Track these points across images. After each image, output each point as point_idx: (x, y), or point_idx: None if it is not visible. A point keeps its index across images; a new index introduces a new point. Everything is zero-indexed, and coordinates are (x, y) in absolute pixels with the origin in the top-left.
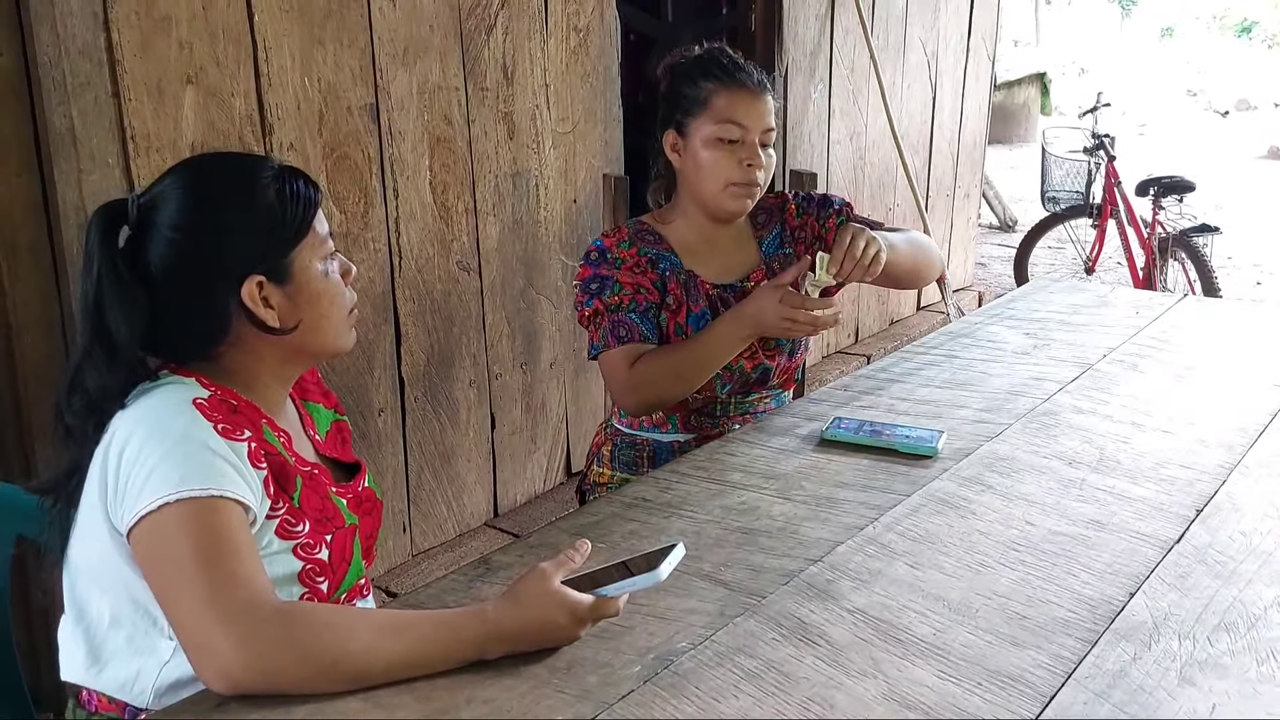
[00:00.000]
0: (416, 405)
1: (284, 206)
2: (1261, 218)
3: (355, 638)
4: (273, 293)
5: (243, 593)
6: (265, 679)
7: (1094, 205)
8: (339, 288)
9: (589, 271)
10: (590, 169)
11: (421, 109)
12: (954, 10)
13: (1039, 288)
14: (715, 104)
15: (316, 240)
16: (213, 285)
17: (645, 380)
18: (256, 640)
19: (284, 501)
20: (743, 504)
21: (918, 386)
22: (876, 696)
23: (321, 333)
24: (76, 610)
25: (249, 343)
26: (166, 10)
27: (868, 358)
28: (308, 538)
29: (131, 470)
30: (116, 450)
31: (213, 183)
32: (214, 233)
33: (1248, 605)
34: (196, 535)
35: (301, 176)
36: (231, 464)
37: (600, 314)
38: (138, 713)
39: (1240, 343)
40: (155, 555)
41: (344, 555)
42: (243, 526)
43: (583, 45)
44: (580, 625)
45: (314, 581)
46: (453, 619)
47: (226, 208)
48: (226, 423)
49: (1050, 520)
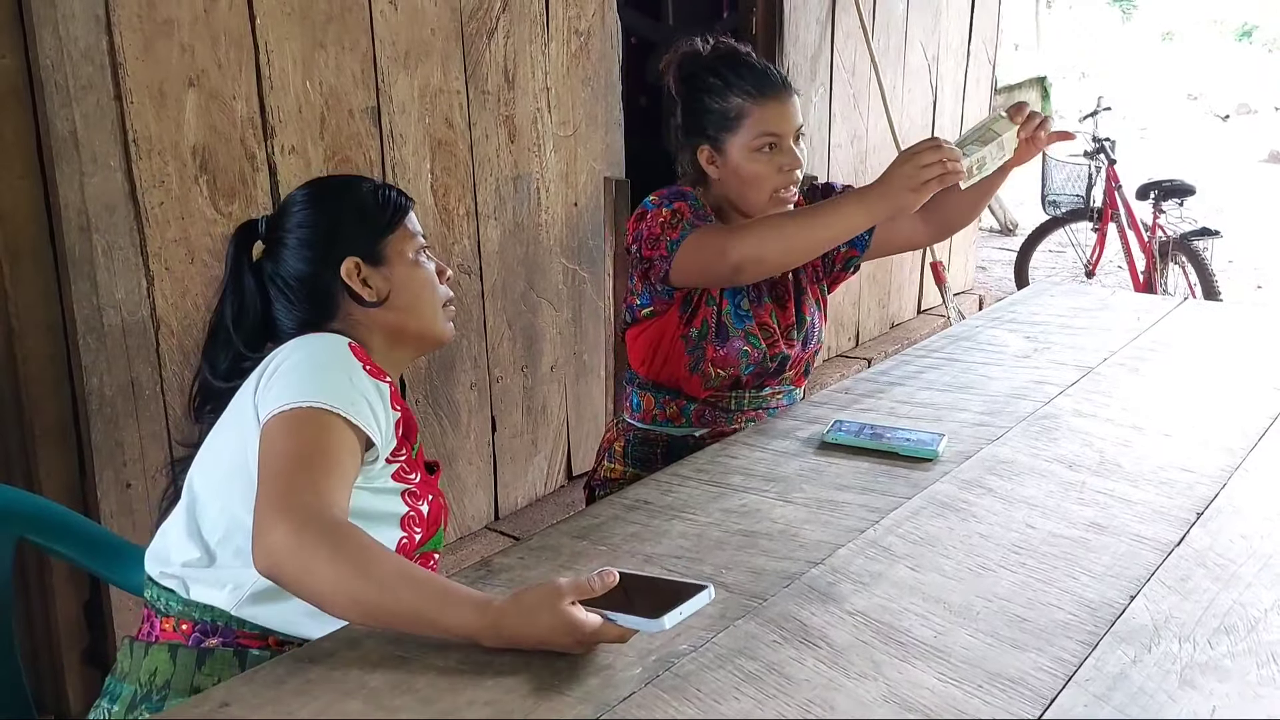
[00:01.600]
0: (417, 408)
1: (378, 203)
2: (1262, 222)
3: (383, 569)
4: (370, 274)
5: (315, 499)
6: (296, 570)
7: (1094, 209)
8: (431, 275)
9: (665, 191)
10: (591, 172)
11: (423, 112)
12: (954, 14)
13: (1040, 291)
14: (749, 120)
15: (407, 234)
16: (321, 267)
17: (751, 230)
18: (305, 535)
19: (406, 450)
20: (744, 507)
21: (918, 389)
22: (877, 699)
23: (417, 314)
24: (193, 524)
25: (358, 318)
26: (168, 13)
27: (868, 361)
28: (418, 488)
29: (287, 374)
30: (280, 359)
31: (323, 189)
32: (323, 224)
33: (1248, 608)
34: (309, 439)
35: (394, 188)
36: (369, 400)
37: (680, 214)
38: (202, 639)
39: (1241, 346)
40: (272, 443)
41: (436, 520)
42: (351, 451)
43: (584, 49)
44: (580, 646)
45: (411, 529)
46: (458, 596)
47: (331, 205)
48: (373, 365)
49: (1051, 523)
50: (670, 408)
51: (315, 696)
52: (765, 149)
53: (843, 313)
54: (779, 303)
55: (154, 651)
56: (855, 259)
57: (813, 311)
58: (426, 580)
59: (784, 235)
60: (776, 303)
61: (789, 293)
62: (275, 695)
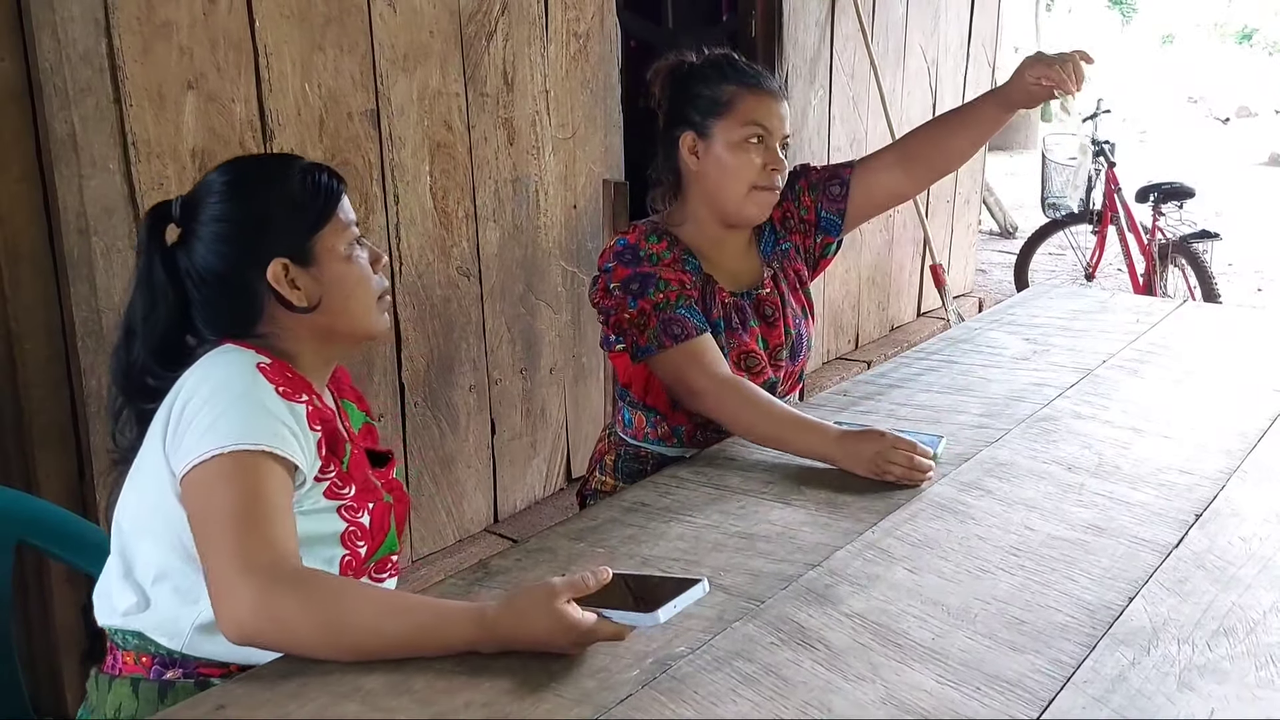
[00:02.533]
0: (416, 411)
1: (306, 195)
2: (1262, 224)
3: (361, 611)
4: (298, 274)
5: (270, 553)
6: (273, 632)
7: (1094, 211)
8: (365, 271)
9: (627, 271)
10: (590, 175)
11: (422, 115)
12: (954, 16)
13: (1039, 293)
14: (739, 106)
15: (340, 226)
16: (243, 267)
17: (727, 407)
18: (271, 595)
19: (334, 465)
20: (741, 509)
21: (917, 392)
22: (875, 701)
23: (348, 313)
24: (125, 566)
25: (285, 323)
26: (167, 16)
27: (868, 363)
28: (353, 500)
29: (195, 418)
30: (184, 400)
31: (245, 175)
32: (245, 219)
33: (1247, 610)
34: (242, 489)
35: (325, 170)
36: (287, 426)
37: (648, 314)
38: (163, 671)
39: (1240, 348)
40: (202, 501)
41: (382, 526)
42: (284, 489)
43: (583, 51)
44: (577, 646)
45: (354, 544)
46: (452, 613)
47: (255, 196)
48: (287, 386)
49: (1049, 525)
50: (662, 427)
51: (311, 698)
52: (753, 139)
53: (842, 315)
54: (768, 321)
55: (116, 685)
56: (831, 246)
57: (798, 322)
58: (411, 608)
59: (742, 425)
60: (765, 321)
61: (777, 308)
62: (271, 697)
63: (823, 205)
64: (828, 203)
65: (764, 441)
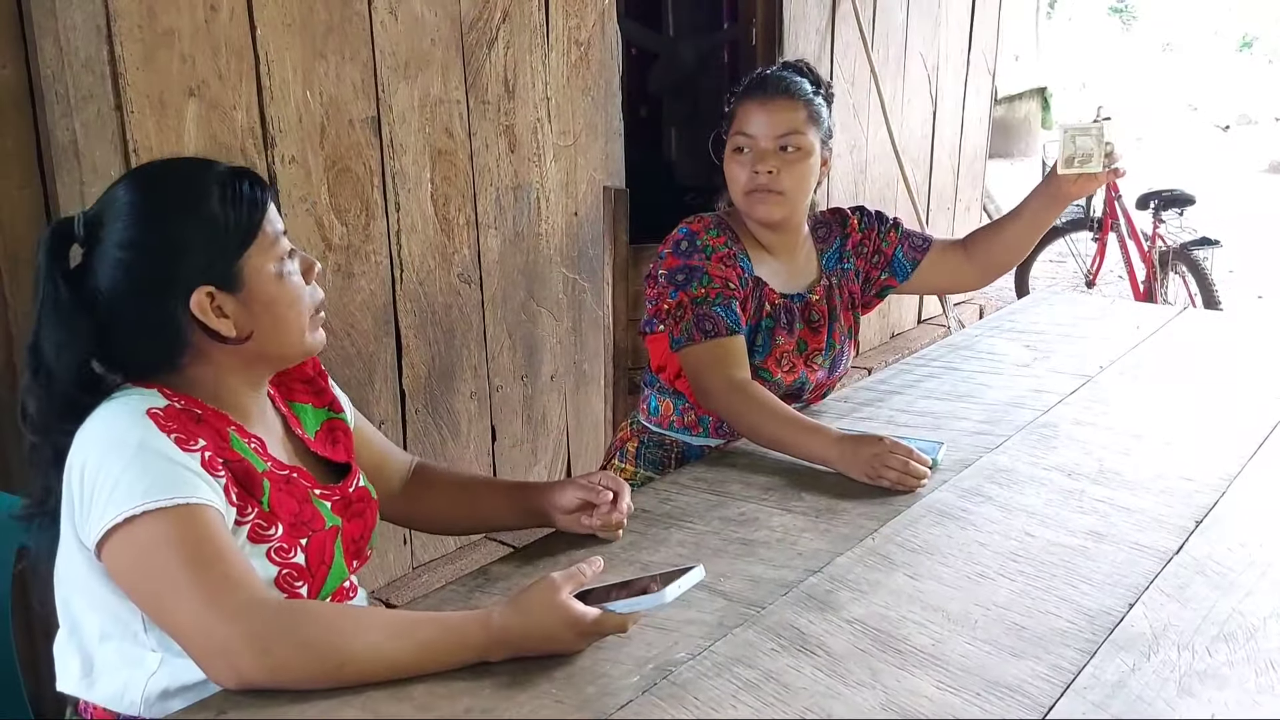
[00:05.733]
0: (417, 417)
1: (228, 212)
2: (1262, 232)
3: (360, 637)
4: (225, 301)
5: (242, 593)
6: (274, 674)
7: (1095, 219)
8: (298, 289)
9: (677, 262)
10: (591, 182)
11: (423, 122)
12: (954, 24)
13: (1039, 300)
14: (735, 119)
15: (267, 242)
16: (162, 299)
17: (734, 408)
18: (265, 636)
19: (252, 506)
20: (742, 515)
21: (918, 398)
22: (875, 707)
23: (282, 337)
24: (70, 624)
25: (209, 353)
26: (169, 24)
27: (868, 370)
28: (282, 541)
29: (94, 486)
30: (78, 467)
31: (156, 194)
32: (159, 246)
33: (1247, 616)
34: (179, 544)
35: (248, 177)
36: (191, 470)
37: (684, 307)
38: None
39: (1240, 356)
40: (138, 570)
41: (323, 559)
42: (222, 528)
43: (584, 59)
44: (583, 639)
45: (291, 586)
46: (457, 624)
47: (170, 219)
48: (181, 432)
49: (1049, 531)
50: (689, 415)
51: (312, 704)
52: (740, 149)
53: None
54: (812, 326)
55: None
56: (892, 288)
57: (843, 339)
58: (414, 626)
59: (747, 426)
60: (809, 326)
61: (824, 316)
62: (272, 702)
63: (904, 248)
64: (909, 249)
65: (768, 443)
